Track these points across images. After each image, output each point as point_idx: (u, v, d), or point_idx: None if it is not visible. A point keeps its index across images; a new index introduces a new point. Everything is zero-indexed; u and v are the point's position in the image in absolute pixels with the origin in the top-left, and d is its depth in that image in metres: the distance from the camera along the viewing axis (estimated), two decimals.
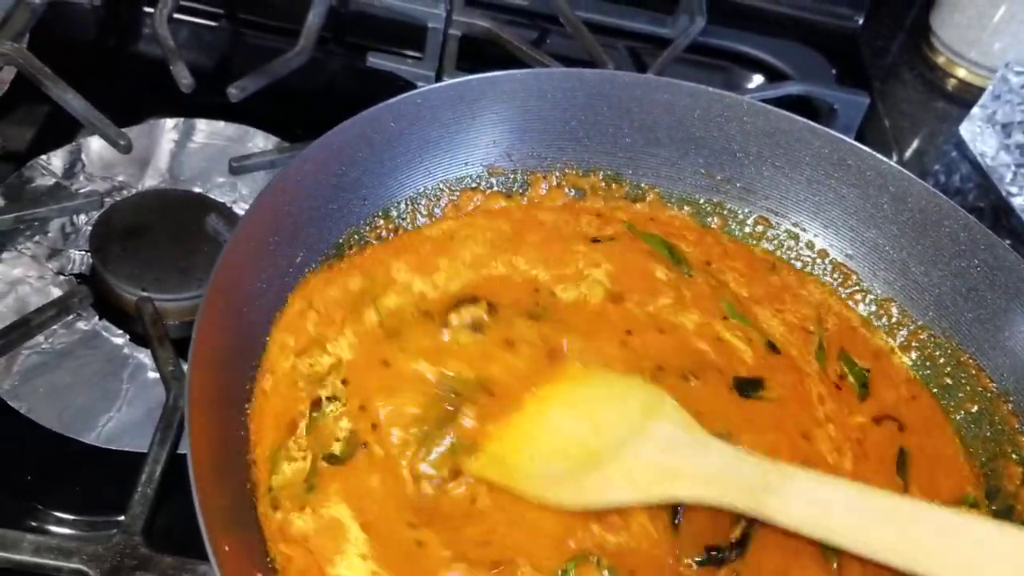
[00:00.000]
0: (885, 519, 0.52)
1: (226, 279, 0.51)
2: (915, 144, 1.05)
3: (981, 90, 1.03)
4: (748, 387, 0.62)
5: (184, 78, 0.80)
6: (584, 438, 0.55)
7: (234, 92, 0.79)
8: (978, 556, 0.50)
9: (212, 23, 1.01)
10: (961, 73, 1.12)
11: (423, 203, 0.68)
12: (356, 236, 0.64)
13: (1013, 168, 0.99)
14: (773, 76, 1.06)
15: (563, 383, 0.58)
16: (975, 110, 1.02)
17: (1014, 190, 0.98)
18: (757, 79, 1.07)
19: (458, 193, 0.69)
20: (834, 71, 1.08)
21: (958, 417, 0.66)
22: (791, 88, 0.98)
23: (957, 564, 0.50)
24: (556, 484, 0.53)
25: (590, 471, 0.54)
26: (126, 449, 0.63)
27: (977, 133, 1.02)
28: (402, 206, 0.67)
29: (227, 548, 0.42)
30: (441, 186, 0.69)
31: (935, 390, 0.67)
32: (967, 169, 1.02)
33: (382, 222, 0.66)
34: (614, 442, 0.55)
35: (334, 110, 0.64)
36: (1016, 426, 0.64)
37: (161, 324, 0.66)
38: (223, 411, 0.50)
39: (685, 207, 0.73)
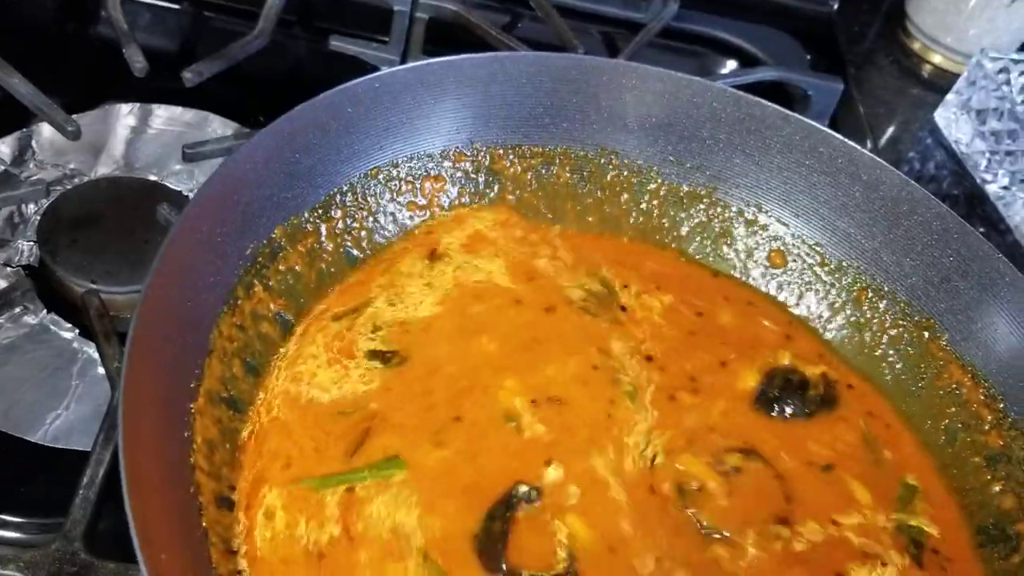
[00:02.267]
0: None
1: (169, 271, 0.49)
2: (890, 131, 1.04)
3: (956, 76, 1.02)
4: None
5: (137, 61, 0.77)
6: None
7: (189, 76, 0.77)
8: None
9: (173, 5, 0.98)
10: (936, 59, 1.11)
11: (382, 192, 0.66)
12: (310, 226, 0.62)
13: (987, 155, 0.98)
14: (747, 62, 1.05)
15: None
16: (950, 97, 1.01)
17: (988, 177, 0.97)
18: (731, 64, 1.05)
19: (419, 182, 0.67)
20: (808, 57, 1.07)
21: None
22: (765, 74, 0.96)
23: None
24: None
25: None
26: (74, 448, 0.61)
27: (952, 120, 1.01)
28: (360, 195, 0.64)
29: (164, 557, 0.40)
30: (402, 174, 0.66)
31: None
32: (942, 156, 1.01)
33: (339, 212, 0.63)
34: None
35: (297, 96, 0.61)
36: (988, 418, 0.62)
37: (108, 319, 0.64)
38: (164, 410, 0.47)
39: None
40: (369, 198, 0.65)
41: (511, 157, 0.70)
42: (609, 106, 0.70)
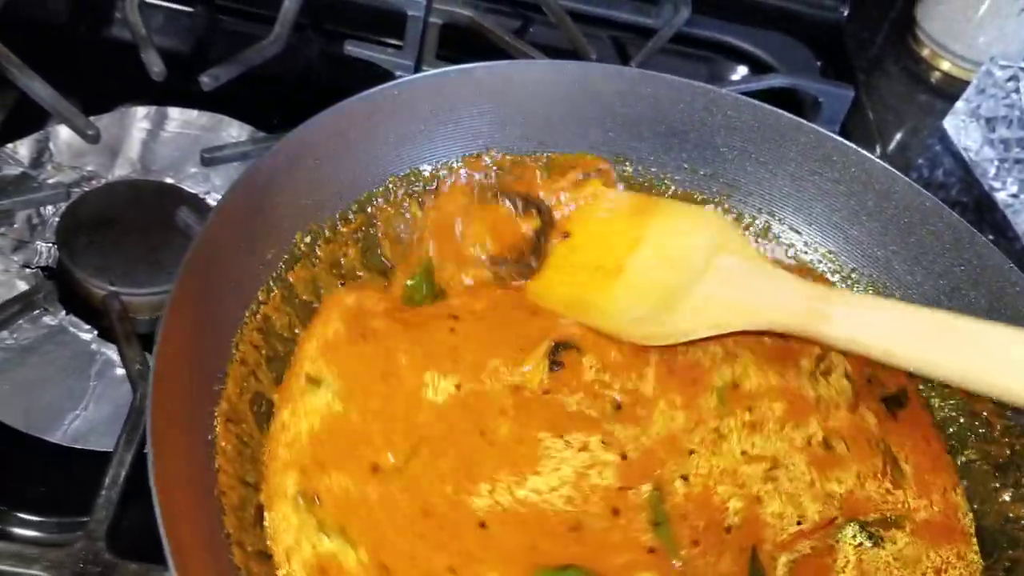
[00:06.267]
0: (924, 334, 0.56)
1: (194, 276, 0.49)
2: (899, 137, 1.04)
3: (966, 84, 1.02)
4: None
5: (155, 65, 0.78)
6: (664, 278, 0.61)
7: (207, 81, 0.77)
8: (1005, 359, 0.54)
9: (187, 8, 0.99)
10: (945, 66, 1.11)
11: (402, 199, 0.66)
12: (330, 233, 0.62)
13: (996, 163, 0.98)
14: (757, 68, 1.05)
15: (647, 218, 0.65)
16: (959, 104, 1.01)
17: (997, 185, 0.97)
18: (741, 70, 1.05)
19: (435, 187, 0.68)
20: (819, 63, 1.07)
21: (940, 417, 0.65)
22: (775, 80, 0.97)
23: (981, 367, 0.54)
24: (635, 323, 0.60)
25: (667, 311, 0.60)
26: (93, 448, 0.62)
27: (961, 127, 1.02)
28: (379, 200, 0.65)
29: (191, 558, 0.40)
30: (421, 181, 0.67)
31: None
32: (951, 163, 1.01)
33: (359, 219, 0.64)
34: (687, 280, 0.60)
35: (311, 99, 0.62)
36: (998, 427, 0.63)
37: (129, 321, 0.64)
38: (189, 414, 0.48)
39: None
40: (389, 205, 0.65)
41: (528, 164, 0.70)
42: (624, 113, 0.70)
